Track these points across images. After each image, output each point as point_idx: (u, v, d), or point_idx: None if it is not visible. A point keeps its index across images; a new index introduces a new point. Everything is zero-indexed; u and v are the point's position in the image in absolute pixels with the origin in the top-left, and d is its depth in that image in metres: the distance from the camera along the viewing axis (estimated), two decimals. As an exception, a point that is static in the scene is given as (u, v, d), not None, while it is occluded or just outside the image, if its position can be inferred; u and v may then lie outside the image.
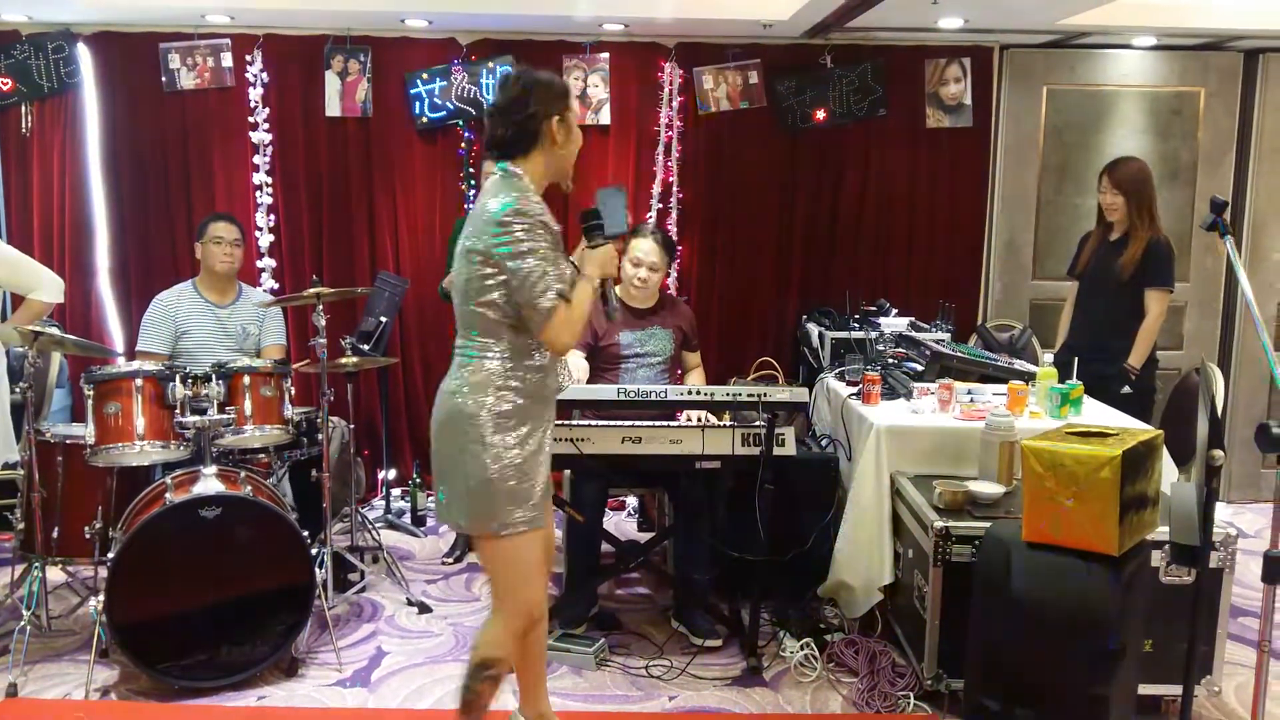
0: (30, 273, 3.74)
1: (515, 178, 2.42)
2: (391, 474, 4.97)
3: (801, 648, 3.39)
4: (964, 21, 4.56)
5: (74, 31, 4.81)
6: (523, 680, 2.73)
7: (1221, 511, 4.83)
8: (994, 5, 4.17)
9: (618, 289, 3.95)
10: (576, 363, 3.72)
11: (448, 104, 4.91)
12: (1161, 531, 2.73)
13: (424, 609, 3.74)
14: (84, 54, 4.83)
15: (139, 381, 3.29)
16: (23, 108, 4.85)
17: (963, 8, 4.27)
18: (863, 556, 3.37)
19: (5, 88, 4.81)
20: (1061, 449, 2.52)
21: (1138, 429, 2.89)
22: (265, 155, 4.93)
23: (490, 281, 2.35)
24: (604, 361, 3.83)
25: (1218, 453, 2.29)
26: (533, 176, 2.44)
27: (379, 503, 4.86)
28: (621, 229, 2.59)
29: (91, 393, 3.29)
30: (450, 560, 4.22)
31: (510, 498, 2.38)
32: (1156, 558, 2.89)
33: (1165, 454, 3.01)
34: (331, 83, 4.90)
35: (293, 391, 3.57)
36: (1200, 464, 2.32)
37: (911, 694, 3.12)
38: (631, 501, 4.87)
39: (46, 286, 3.74)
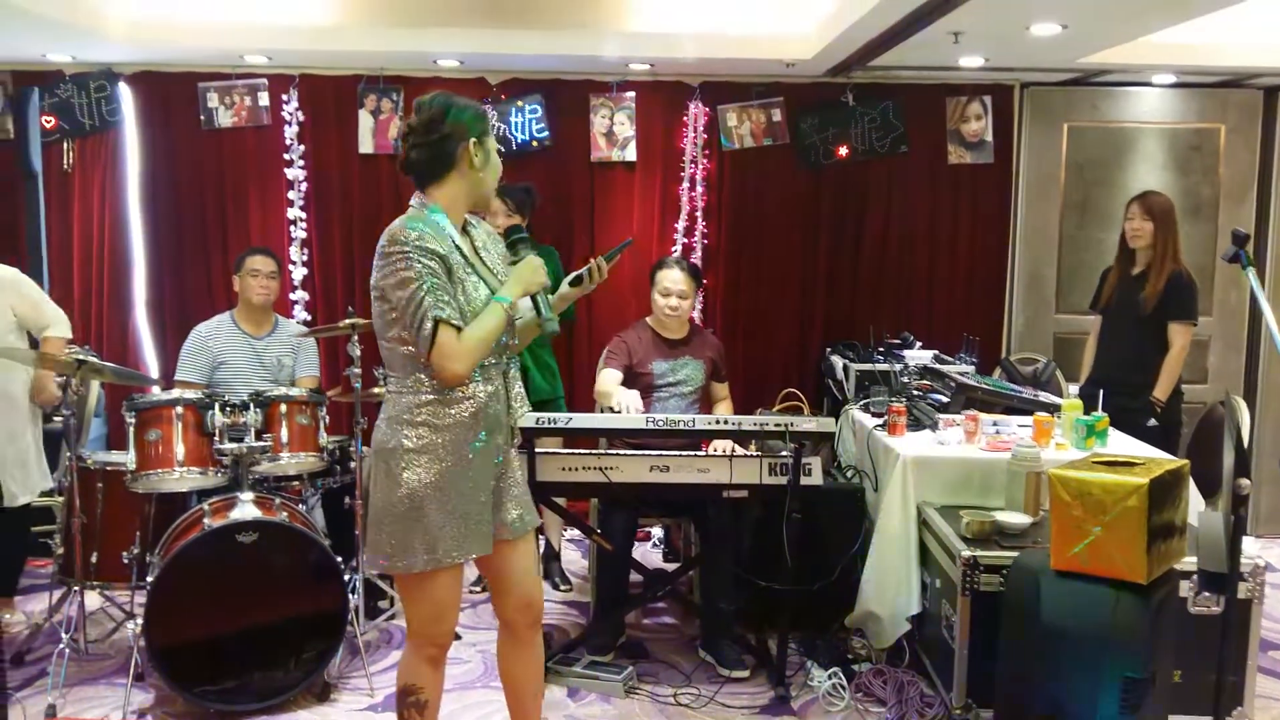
0: (48, 310, 3.80)
1: (422, 206, 2.35)
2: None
3: (829, 677, 3.40)
4: (984, 60, 4.63)
5: (116, 71, 4.96)
6: (510, 712, 2.68)
7: (1249, 545, 4.80)
8: (1014, 44, 4.25)
9: (649, 320, 4.02)
10: (625, 395, 3.74)
11: (478, 141, 5.02)
12: (1189, 561, 2.74)
13: (454, 637, 3.76)
14: (125, 93, 4.98)
15: (179, 409, 3.37)
16: (65, 145, 5.00)
17: (983, 47, 4.35)
18: (890, 587, 3.39)
19: (49, 125, 4.96)
20: (1089, 477, 2.54)
21: (1165, 459, 2.91)
22: (300, 191, 5.05)
23: (390, 317, 2.29)
24: (638, 390, 3.90)
25: (1244, 481, 2.31)
26: (448, 203, 2.36)
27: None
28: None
29: (133, 420, 3.37)
30: (478, 589, 4.26)
31: (417, 534, 2.29)
32: (1185, 588, 2.90)
33: (1192, 485, 3.03)
34: (365, 121, 5.02)
35: (327, 420, 3.64)
36: (1227, 492, 2.34)
37: (940, 724, 3.13)
38: (657, 532, 4.90)
39: (60, 323, 3.80)
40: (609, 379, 3.90)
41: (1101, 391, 3.72)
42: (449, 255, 2.29)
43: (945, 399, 3.93)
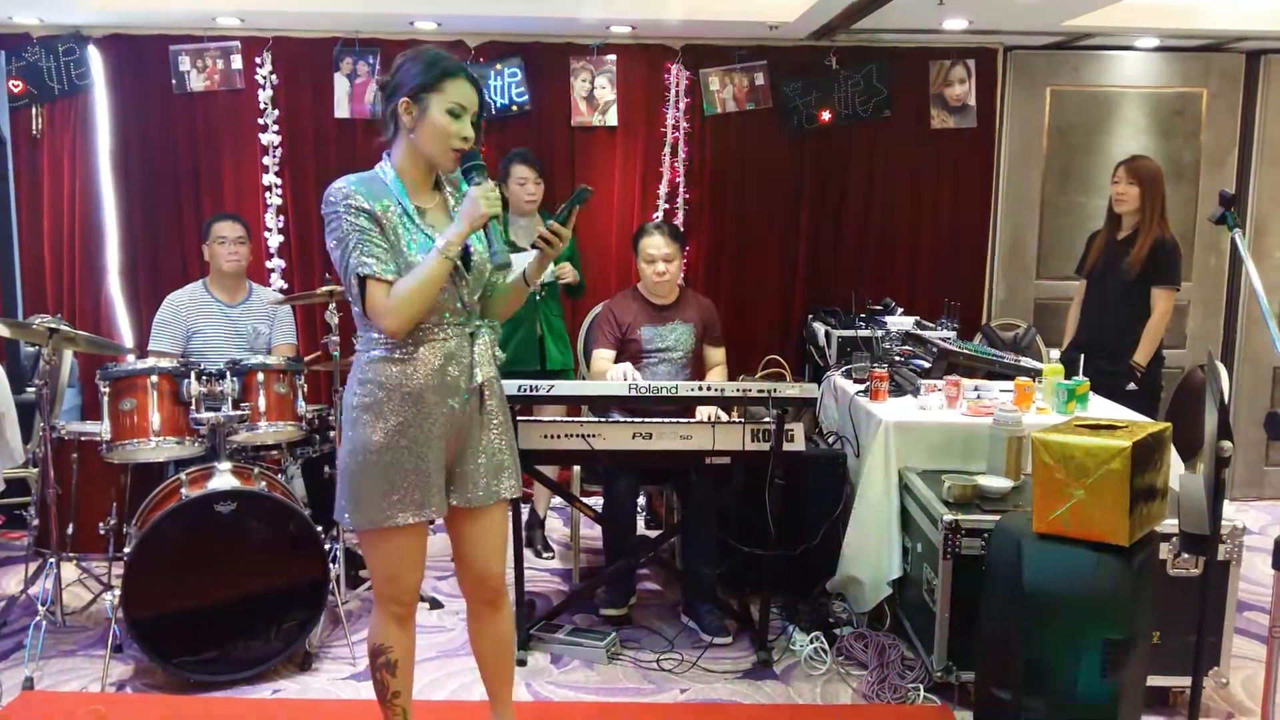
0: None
1: (379, 165, 2.31)
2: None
3: (811, 642, 3.41)
4: (968, 23, 4.59)
5: (85, 34, 4.84)
6: (485, 686, 2.63)
7: (1225, 509, 4.85)
8: (998, 6, 4.21)
9: (639, 286, 3.98)
10: (620, 368, 3.74)
11: (456, 105, 4.94)
12: (1169, 524, 2.76)
13: (435, 604, 3.76)
14: (94, 56, 4.86)
15: (154, 378, 3.32)
16: (33, 109, 4.88)
17: (967, 9, 4.31)
18: (871, 551, 3.40)
19: (16, 90, 4.84)
20: (1072, 441, 2.54)
21: (1146, 422, 2.92)
22: (275, 156, 4.96)
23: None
24: (628, 357, 3.88)
25: (1226, 444, 2.31)
26: (401, 163, 2.30)
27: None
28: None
29: (107, 389, 3.31)
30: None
31: (363, 492, 2.26)
32: (1165, 550, 2.92)
33: (1172, 448, 3.04)
34: (341, 85, 4.93)
35: (305, 389, 3.60)
36: (1210, 455, 2.35)
37: (921, 686, 3.14)
38: (639, 499, 4.88)
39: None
40: (603, 361, 3.87)
41: (1082, 356, 3.72)
42: (381, 211, 2.22)
43: (927, 364, 3.93)
